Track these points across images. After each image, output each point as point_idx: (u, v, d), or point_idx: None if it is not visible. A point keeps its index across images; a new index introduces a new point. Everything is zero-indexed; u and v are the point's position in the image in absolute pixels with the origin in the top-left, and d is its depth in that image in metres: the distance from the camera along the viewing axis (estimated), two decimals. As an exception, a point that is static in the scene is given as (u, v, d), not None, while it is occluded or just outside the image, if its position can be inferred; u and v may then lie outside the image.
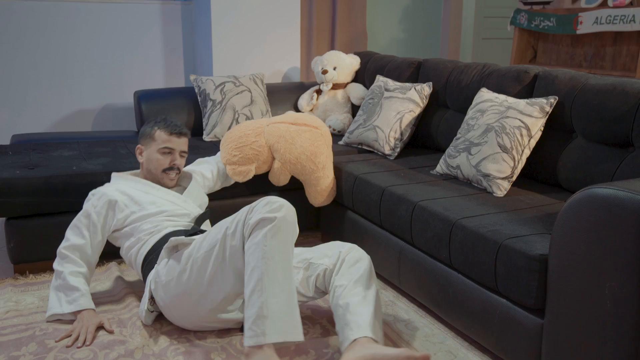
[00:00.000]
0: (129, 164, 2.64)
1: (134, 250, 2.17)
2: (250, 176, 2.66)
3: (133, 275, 2.50)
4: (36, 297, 2.29)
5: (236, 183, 2.74)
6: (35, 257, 2.49)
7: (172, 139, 2.27)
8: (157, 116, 2.38)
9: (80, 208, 2.51)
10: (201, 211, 2.31)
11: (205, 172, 2.60)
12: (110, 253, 2.66)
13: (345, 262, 1.92)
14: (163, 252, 1.98)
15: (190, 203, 2.31)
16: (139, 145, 2.32)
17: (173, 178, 2.30)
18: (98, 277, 2.48)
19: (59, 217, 2.48)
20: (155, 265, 2.02)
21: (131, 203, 2.18)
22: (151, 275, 2.03)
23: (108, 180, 2.51)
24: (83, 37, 3.73)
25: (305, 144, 2.63)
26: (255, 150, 2.64)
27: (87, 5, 3.71)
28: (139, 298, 2.26)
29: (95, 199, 2.19)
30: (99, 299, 2.27)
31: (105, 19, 3.76)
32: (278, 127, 2.67)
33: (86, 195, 2.48)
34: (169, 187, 2.30)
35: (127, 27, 3.82)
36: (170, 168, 2.28)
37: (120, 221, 2.17)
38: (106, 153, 2.82)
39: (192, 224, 2.21)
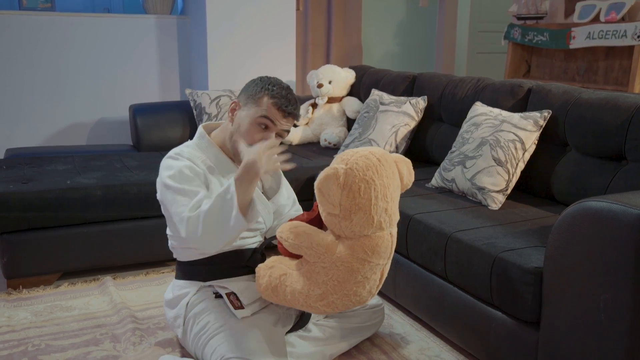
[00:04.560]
0: (124, 178, 2.63)
1: (181, 244, 1.87)
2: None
3: (127, 289, 2.49)
4: (29, 313, 2.27)
5: None
6: (28, 272, 2.47)
7: (277, 115, 1.78)
8: (270, 77, 1.85)
9: (73, 223, 2.51)
10: (271, 223, 1.97)
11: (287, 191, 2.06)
12: (104, 267, 2.65)
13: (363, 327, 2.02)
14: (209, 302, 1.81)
15: (271, 213, 1.94)
16: (235, 100, 1.85)
17: None
18: (92, 292, 2.46)
19: (52, 232, 2.47)
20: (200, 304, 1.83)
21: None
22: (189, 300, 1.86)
23: (102, 195, 2.50)
24: (79, 51, 3.74)
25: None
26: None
27: (82, 19, 3.72)
28: (134, 313, 2.25)
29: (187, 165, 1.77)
30: (93, 313, 2.26)
31: (100, 33, 3.77)
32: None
33: (80, 209, 2.48)
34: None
35: (123, 41, 3.83)
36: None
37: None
38: (101, 167, 2.82)
39: (260, 239, 1.93)
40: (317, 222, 1.68)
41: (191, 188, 1.70)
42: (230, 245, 1.80)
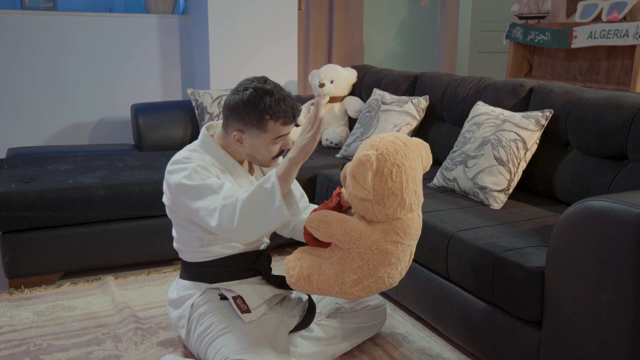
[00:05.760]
0: (126, 177, 2.63)
1: (188, 247, 1.85)
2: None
3: (129, 289, 2.49)
4: (31, 312, 2.27)
5: None
6: (30, 271, 2.47)
7: (287, 127, 1.76)
8: (246, 84, 1.73)
9: (75, 223, 2.51)
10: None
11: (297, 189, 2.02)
12: (106, 266, 2.65)
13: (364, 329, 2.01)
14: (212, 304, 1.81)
15: None
16: (235, 132, 1.75)
17: (278, 159, 1.88)
18: (94, 292, 2.46)
19: (54, 231, 2.47)
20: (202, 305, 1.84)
21: None
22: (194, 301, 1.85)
23: (104, 194, 2.51)
24: (80, 50, 3.74)
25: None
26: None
27: (84, 18, 3.72)
28: (135, 313, 2.25)
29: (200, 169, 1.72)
30: (95, 313, 2.26)
31: (102, 32, 3.77)
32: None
33: (82, 209, 2.48)
34: (272, 166, 1.89)
35: (125, 40, 3.83)
36: (280, 153, 1.83)
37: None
38: (103, 166, 2.82)
39: (267, 242, 1.95)
40: (337, 210, 1.71)
41: (216, 181, 1.66)
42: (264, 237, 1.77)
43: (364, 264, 1.58)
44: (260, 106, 1.69)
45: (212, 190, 1.65)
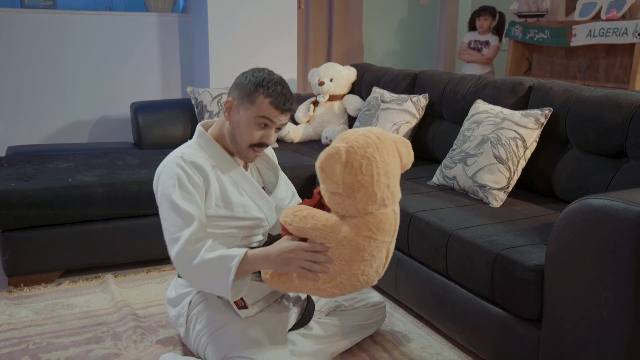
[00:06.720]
0: (125, 175, 2.63)
1: None
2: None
3: (129, 287, 2.49)
4: (30, 310, 2.27)
5: None
6: (29, 269, 2.48)
7: (275, 113, 1.74)
8: (261, 67, 1.81)
9: (75, 221, 2.51)
10: (274, 220, 1.94)
11: (287, 186, 2.05)
12: (106, 265, 2.65)
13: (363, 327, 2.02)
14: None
15: (273, 209, 1.91)
16: (229, 98, 1.78)
17: (259, 154, 1.83)
18: (93, 290, 2.46)
19: (54, 230, 2.47)
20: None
21: (220, 199, 1.77)
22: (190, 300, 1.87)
23: (104, 193, 2.51)
24: (80, 48, 3.74)
25: None
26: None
27: (83, 16, 3.72)
28: (135, 311, 2.25)
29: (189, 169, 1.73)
30: (95, 311, 2.26)
31: (102, 31, 3.77)
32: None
33: (81, 207, 2.48)
34: (250, 161, 1.85)
35: (124, 38, 3.83)
36: (259, 144, 1.79)
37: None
38: (102, 165, 2.82)
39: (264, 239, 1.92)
40: (318, 208, 1.70)
41: (187, 209, 1.66)
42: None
43: (335, 259, 1.54)
44: (257, 78, 1.75)
45: (185, 218, 1.66)
